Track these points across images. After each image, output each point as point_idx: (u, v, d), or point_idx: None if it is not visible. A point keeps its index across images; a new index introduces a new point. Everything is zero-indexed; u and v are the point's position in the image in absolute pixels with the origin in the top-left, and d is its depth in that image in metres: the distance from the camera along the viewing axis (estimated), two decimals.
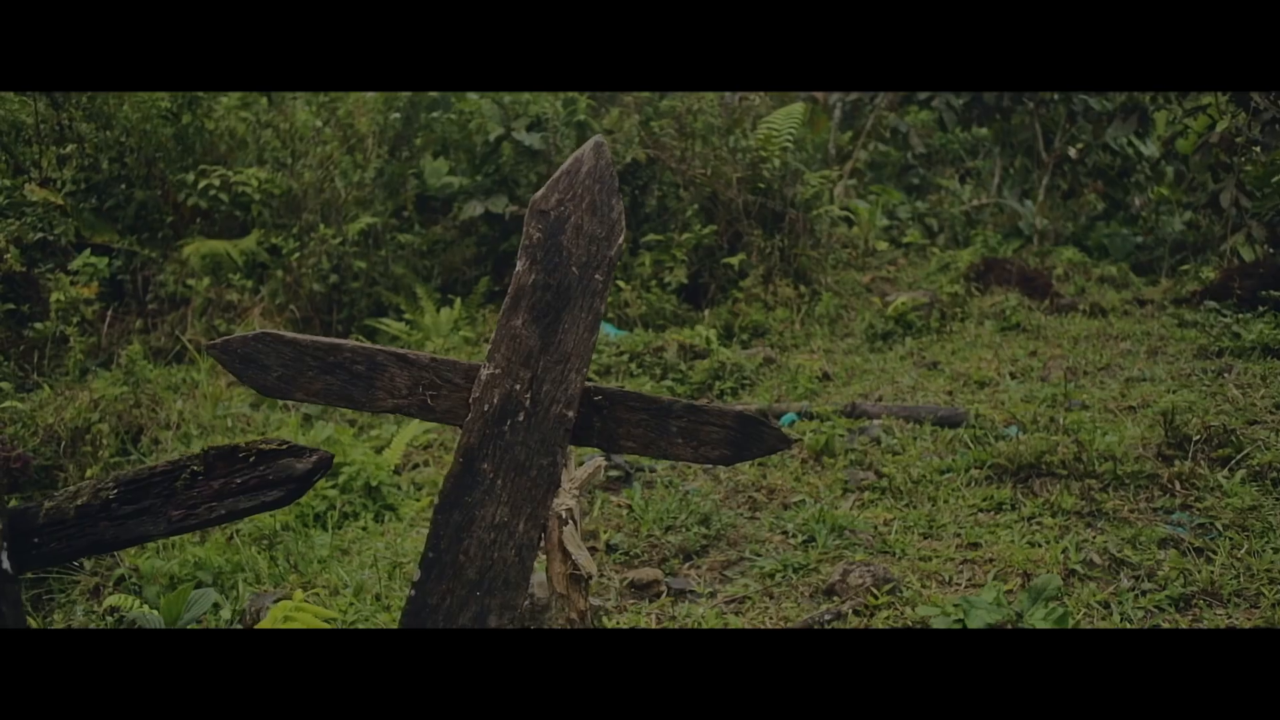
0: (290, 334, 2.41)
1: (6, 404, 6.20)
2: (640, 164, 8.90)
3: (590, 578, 2.54)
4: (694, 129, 8.95)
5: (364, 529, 4.32)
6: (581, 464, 3.30)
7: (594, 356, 6.24)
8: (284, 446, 2.22)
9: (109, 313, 8.13)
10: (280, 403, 6.30)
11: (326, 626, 1.99)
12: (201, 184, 8.64)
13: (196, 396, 6.18)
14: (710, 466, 4.83)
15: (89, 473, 5.57)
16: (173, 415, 5.98)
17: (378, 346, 2.49)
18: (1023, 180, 13.23)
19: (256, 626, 2.02)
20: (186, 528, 2.23)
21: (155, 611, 3.17)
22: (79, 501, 2.25)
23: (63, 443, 5.82)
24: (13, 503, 5.45)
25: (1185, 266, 8.88)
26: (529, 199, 8.93)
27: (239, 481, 2.22)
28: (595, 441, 2.65)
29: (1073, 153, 12.78)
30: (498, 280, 9.04)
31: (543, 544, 2.58)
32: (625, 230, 2.57)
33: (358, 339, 7.08)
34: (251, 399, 6.24)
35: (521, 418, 2.53)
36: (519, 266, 2.56)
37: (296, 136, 9.37)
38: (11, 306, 7.82)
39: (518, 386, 2.53)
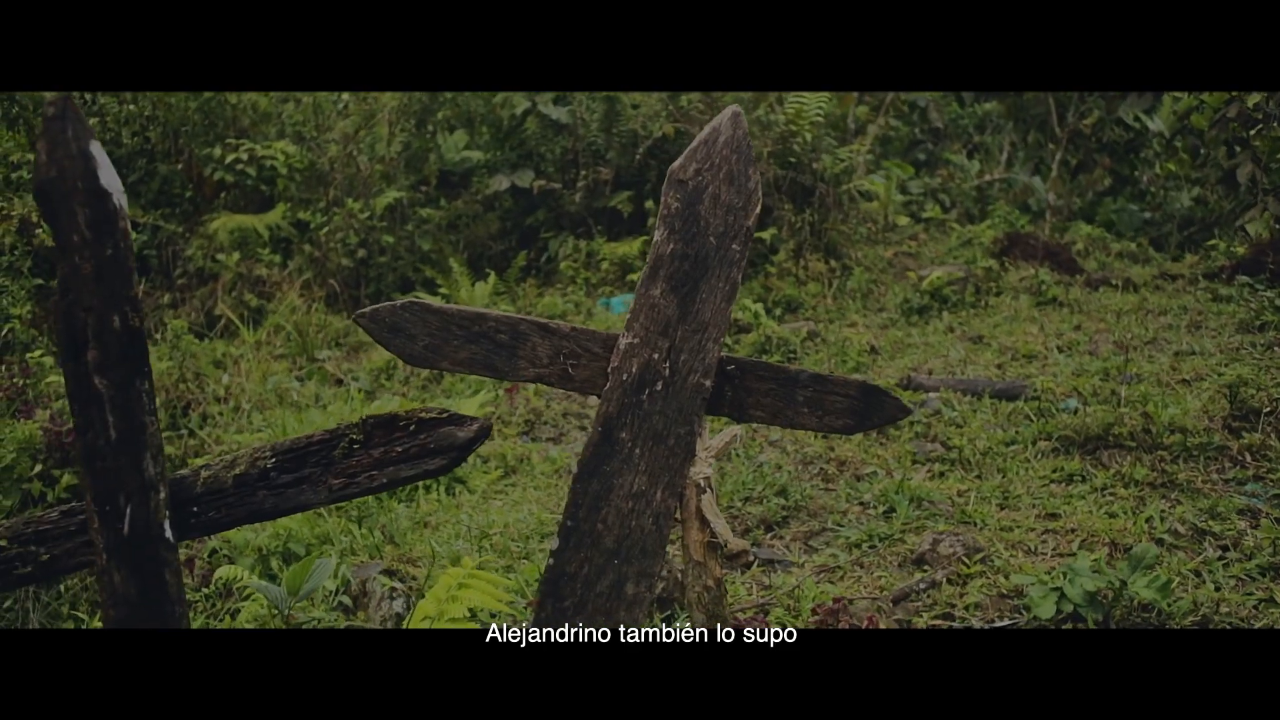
0: (436, 303, 2.41)
1: (50, 379, 6.18)
2: (667, 138, 8.88)
3: (727, 546, 2.56)
4: (722, 102, 8.93)
5: (438, 502, 4.33)
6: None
7: None
8: (444, 415, 2.22)
9: (140, 288, 8.07)
10: (330, 375, 6.29)
11: (501, 594, 2.00)
12: (229, 158, 8.57)
13: (242, 371, 6.15)
14: (776, 439, 4.86)
15: None
16: (219, 390, 5.96)
17: (520, 316, 2.49)
18: (1035, 155, 13.24)
19: (427, 594, 2.02)
20: (346, 496, 2.23)
21: (261, 580, 3.19)
22: (236, 471, 2.25)
23: None
24: (65, 479, 5.43)
25: (1212, 241, 8.92)
26: (553, 173, 8.91)
27: (400, 450, 2.22)
28: (726, 411, 2.67)
29: (1084, 127, 12.78)
30: (535, 254, 9.01)
31: (678, 513, 2.60)
32: (761, 200, 2.57)
33: None
34: (298, 372, 6.22)
35: (660, 387, 2.54)
36: (657, 236, 2.56)
37: (320, 111, 9.31)
38: (41, 282, 7.77)
39: (656, 356, 2.53)
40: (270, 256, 8.33)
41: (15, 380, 6.12)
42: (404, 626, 2.01)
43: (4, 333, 7.01)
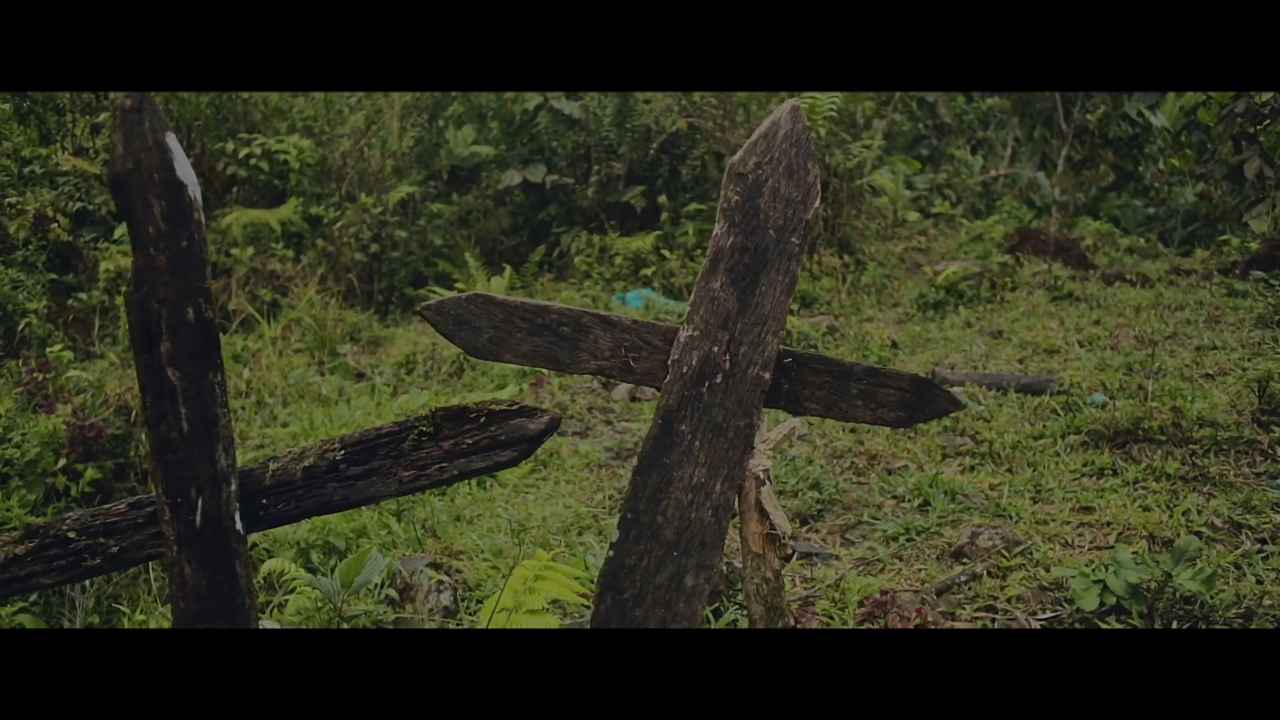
0: (500, 295, 2.41)
1: (71, 373, 6.17)
2: (680, 133, 8.87)
3: (786, 537, 2.57)
4: (735, 97, 8.93)
5: (470, 495, 4.33)
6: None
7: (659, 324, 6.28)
8: (514, 407, 2.23)
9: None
10: (351, 369, 6.29)
11: (577, 586, 2.01)
12: (243, 153, 8.56)
13: (262, 365, 6.15)
14: (804, 433, 4.87)
15: None
16: (240, 384, 5.95)
17: (582, 309, 2.49)
18: (1040, 150, 13.25)
19: (504, 586, 2.02)
20: (417, 488, 2.23)
21: (310, 574, 3.19)
22: (305, 463, 2.25)
23: (134, 412, 5.80)
24: (89, 473, 5.42)
25: (1224, 237, 8.96)
26: (564, 168, 8.89)
27: (470, 442, 2.22)
28: (782, 403, 2.67)
29: (1090, 122, 12.79)
30: (547, 249, 9.00)
31: (737, 505, 2.60)
32: (820, 194, 2.58)
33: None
34: (318, 367, 6.21)
35: (719, 379, 2.54)
36: (717, 229, 2.56)
37: (330, 105, 9.29)
38: (54, 276, 7.76)
39: (716, 349, 2.54)
40: (283, 251, 8.32)
41: (35, 375, 6.11)
42: (481, 618, 2.01)
43: (20, 328, 6.99)
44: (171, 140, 2.07)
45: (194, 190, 2.09)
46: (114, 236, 7.93)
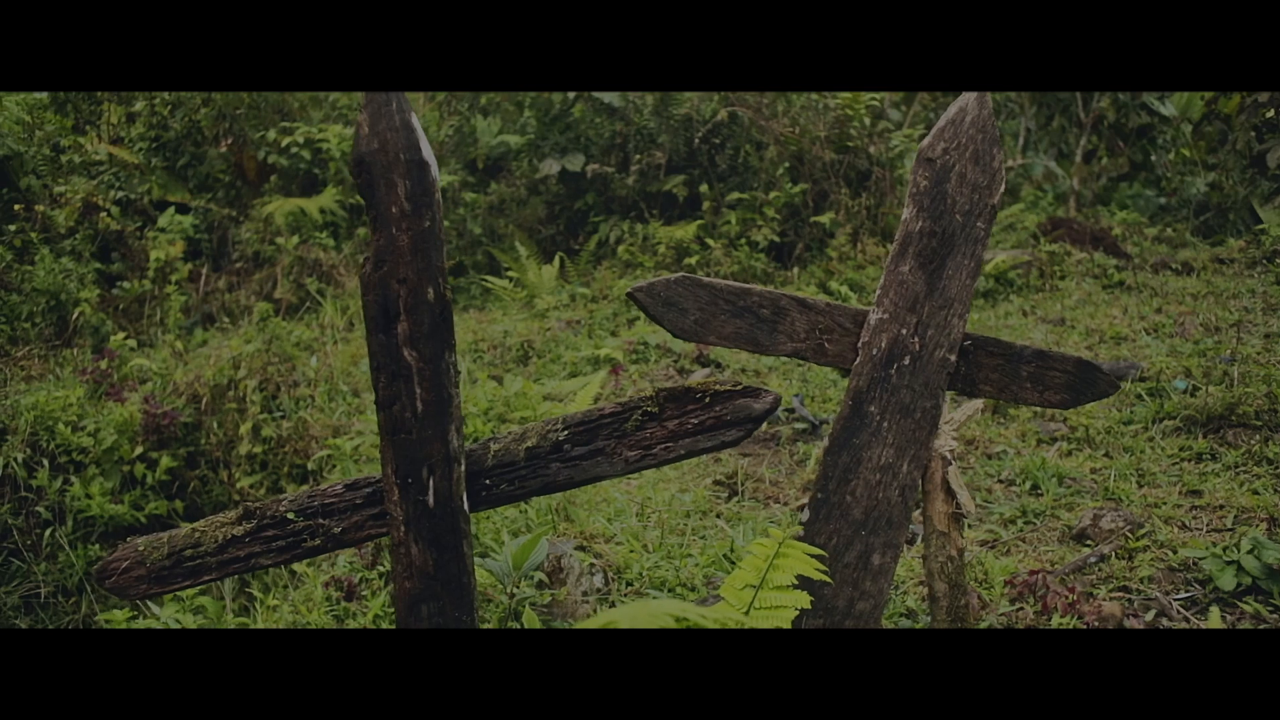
0: (705, 278, 2.43)
1: (135, 362, 6.14)
2: (721, 123, 8.89)
3: (970, 515, 2.61)
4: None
5: None
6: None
7: None
8: (738, 387, 2.25)
9: (203, 271, 8.02)
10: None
11: (818, 564, 2.03)
12: (285, 141, 8.51)
13: (332, 353, 6.13)
14: None
15: (242, 429, 5.54)
16: (309, 372, 5.94)
17: (780, 291, 2.51)
18: (1059, 139, 13.32)
19: (742, 564, 2.03)
20: (643, 467, 2.25)
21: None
22: (527, 444, 2.27)
23: (204, 400, 5.78)
24: (165, 461, 5.39)
25: (1260, 227, 9.06)
26: (599, 157, 8.87)
27: (695, 422, 2.24)
28: (958, 385, 2.70)
29: (1105, 103, 12.83)
30: (585, 238, 9.00)
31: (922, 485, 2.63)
32: (1005, 179, 2.61)
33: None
34: None
35: (907, 361, 2.57)
36: (906, 214, 2.60)
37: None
38: (100, 266, 7.71)
39: (904, 331, 2.57)
40: (326, 240, 8.29)
41: (100, 364, 6.08)
42: (725, 594, 2.02)
43: (74, 317, 6.95)
44: (415, 121, 2.08)
45: (435, 170, 2.10)
46: (159, 225, 7.88)
